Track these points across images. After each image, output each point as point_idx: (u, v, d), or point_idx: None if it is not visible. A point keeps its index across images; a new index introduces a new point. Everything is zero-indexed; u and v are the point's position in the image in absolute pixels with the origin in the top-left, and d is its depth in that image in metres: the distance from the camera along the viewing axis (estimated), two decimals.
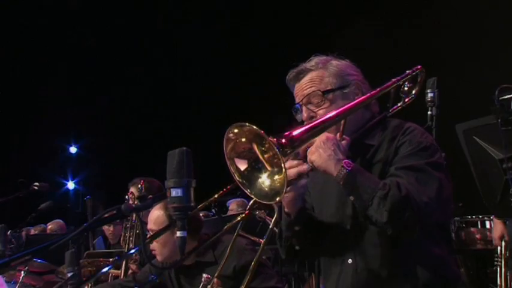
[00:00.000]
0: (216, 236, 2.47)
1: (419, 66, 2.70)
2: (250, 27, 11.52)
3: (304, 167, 2.27)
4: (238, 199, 6.97)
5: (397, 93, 2.63)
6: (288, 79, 2.58)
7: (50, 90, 12.87)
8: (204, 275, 2.86)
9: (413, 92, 2.69)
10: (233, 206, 7.16)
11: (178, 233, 1.73)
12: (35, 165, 11.96)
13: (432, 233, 2.33)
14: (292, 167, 2.25)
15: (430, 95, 4.19)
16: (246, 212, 2.49)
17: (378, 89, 2.51)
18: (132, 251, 3.23)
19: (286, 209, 2.45)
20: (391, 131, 2.43)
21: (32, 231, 8.27)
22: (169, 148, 1.88)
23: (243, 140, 2.13)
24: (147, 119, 13.05)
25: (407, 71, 2.67)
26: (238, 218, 2.56)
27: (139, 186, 4.78)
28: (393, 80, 2.59)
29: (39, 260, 5.67)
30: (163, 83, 12.88)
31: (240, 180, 2.17)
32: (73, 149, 14.64)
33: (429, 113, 4.28)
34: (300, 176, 2.28)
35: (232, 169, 2.18)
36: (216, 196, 2.29)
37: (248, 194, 2.18)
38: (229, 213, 6.76)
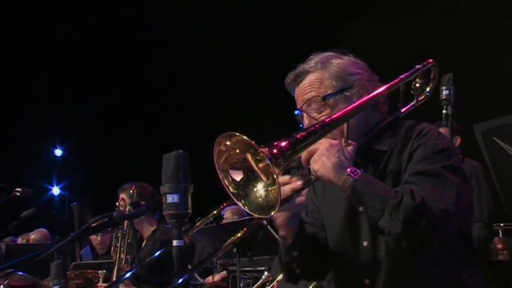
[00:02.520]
0: (219, 251, 2.46)
1: (430, 60, 2.64)
2: (250, 23, 11.54)
3: (298, 183, 2.24)
4: (233, 206, 7.00)
5: (407, 91, 2.56)
6: (287, 83, 2.53)
7: (34, 88, 12.87)
8: None
9: (427, 89, 2.63)
10: (228, 214, 7.20)
11: (174, 242, 1.72)
12: (17, 169, 11.95)
13: (455, 244, 2.31)
14: (285, 183, 2.22)
15: (445, 92, 4.15)
16: (245, 230, 2.50)
17: (384, 88, 2.45)
18: (127, 275, 3.23)
19: (281, 232, 2.41)
20: (403, 135, 2.38)
21: (19, 241, 8.27)
22: (162, 150, 1.88)
23: (236, 150, 2.11)
24: (138, 119, 13.06)
25: (417, 66, 2.60)
26: (239, 235, 2.56)
27: (130, 191, 4.78)
28: (401, 76, 2.52)
29: (20, 273, 5.65)
30: (155, 82, 12.88)
31: (235, 192, 2.15)
32: (58, 152, 14.64)
33: (444, 111, 4.24)
34: (294, 192, 2.24)
35: (226, 182, 2.15)
36: (214, 212, 2.30)
37: (241, 206, 2.16)
38: (225, 221, 6.78)
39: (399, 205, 2.11)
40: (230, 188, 2.16)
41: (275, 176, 2.02)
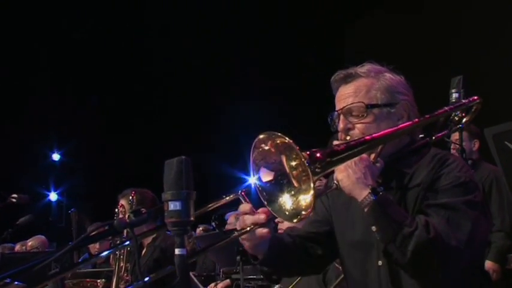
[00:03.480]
0: (209, 247, 2.46)
1: (476, 97, 2.78)
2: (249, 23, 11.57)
3: (262, 216, 2.31)
4: (238, 212, 7.01)
5: (445, 121, 2.72)
6: (334, 80, 2.57)
7: (31, 89, 12.88)
8: None
9: (463, 120, 2.77)
10: (232, 219, 7.18)
11: (177, 251, 1.72)
12: (13, 175, 11.96)
13: (468, 274, 2.35)
14: (246, 213, 2.35)
15: (455, 95, 4.12)
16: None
17: (428, 116, 2.53)
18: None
19: (249, 251, 2.48)
20: (428, 161, 2.44)
21: (18, 247, 8.26)
22: (164, 155, 1.88)
23: (273, 150, 2.18)
24: (140, 122, 13.06)
25: (464, 101, 2.75)
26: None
27: (130, 198, 4.77)
28: (445, 108, 2.63)
29: (16, 282, 5.63)
30: (157, 83, 12.89)
31: (260, 189, 2.23)
32: (56, 156, 14.64)
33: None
34: (254, 225, 2.33)
35: (255, 173, 2.23)
36: (227, 198, 2.31)
37: (266, 206, 2.23)
38: (228, 226, 6.79)
39: (412, 235, 2.16)
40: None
41: (311, 183, 2.06)
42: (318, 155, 2.11)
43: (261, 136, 2.16)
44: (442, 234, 2.17)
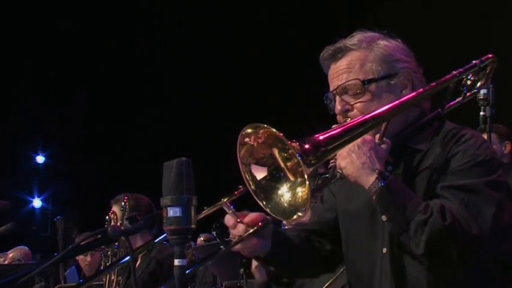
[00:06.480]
0: (208, 258, 2.46)
1: (490, 55, 2.64)
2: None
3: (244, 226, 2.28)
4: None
5: (456, 87, 2.56)
6: (322, 57, 2.52)
7: (13, 87, 12.90)
8: None
9: (478, 85, 2.64)
10: None
11: (176, 261, 1.71)
12: None
13: (489, 269, 2.29)
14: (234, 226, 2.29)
15: (483, 91, 4.12)
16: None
17: (434, 84, 2.46)
18: None
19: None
20: (442, 137, 2.37)
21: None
22: (159, 157, 1.87)
23: (262, 144, 2.15)
24: (131, 121, 13.05)
25: (475, 61, 2.59)
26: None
27: (123, 203, 4.75)
28: (454, 72, 2.53)
29: None
30: (150, 80, 12.90)
31: (255, 190, 2.19)
32: (40, 158, 14.65)
33: (482, 113, 4.23)
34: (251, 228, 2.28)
35: (247, 177, 2.19)
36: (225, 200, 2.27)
37: (263, 207, 2.19)
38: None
39: (426, 223, 2.12)
40: (251, 184, 2.20)
41: (305, 176, 2.04)
42: (307, 146, 2.08)
43: (248, 130, 2.13)
44: (460, 221, 2.12)
